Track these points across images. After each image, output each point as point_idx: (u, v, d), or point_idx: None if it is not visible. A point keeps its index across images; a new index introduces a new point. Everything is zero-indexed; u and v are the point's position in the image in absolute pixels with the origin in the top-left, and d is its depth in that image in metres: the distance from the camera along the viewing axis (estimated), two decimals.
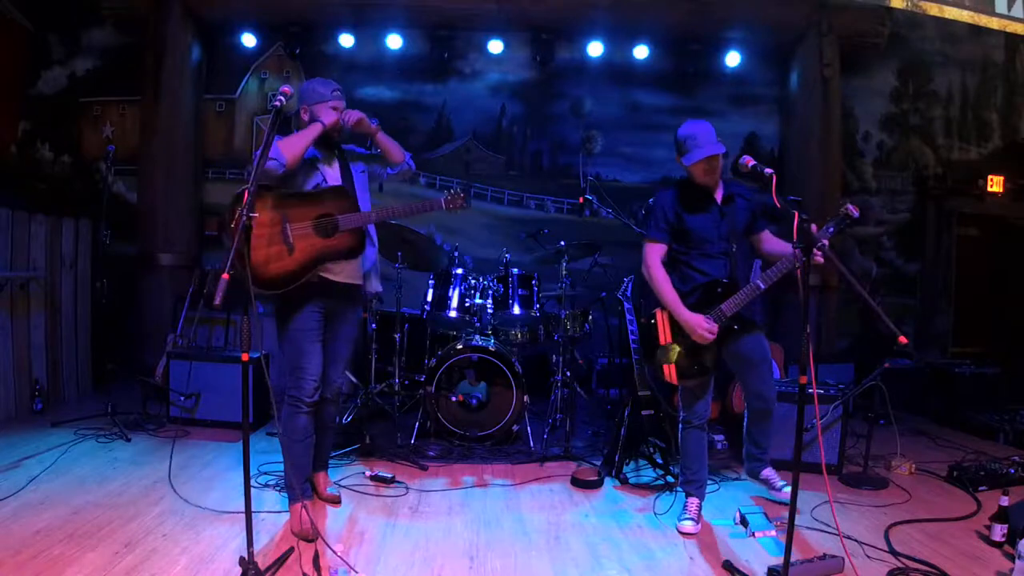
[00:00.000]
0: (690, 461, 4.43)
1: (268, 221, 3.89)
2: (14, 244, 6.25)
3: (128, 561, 3.52)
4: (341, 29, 8.39)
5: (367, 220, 4.13)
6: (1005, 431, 6.58)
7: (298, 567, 3.44)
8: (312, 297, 4.00)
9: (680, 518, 4.28)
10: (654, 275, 4.24)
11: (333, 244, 4.01)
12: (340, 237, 4.03)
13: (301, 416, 3.99)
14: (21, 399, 6.38)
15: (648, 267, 4.27)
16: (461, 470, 5.36)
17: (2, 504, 4.19)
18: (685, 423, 4.41)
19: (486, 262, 7.44)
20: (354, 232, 4.08)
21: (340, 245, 4.04)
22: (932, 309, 9.24)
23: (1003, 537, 3.99)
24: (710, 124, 4.34)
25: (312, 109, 4.15)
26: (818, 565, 3.60)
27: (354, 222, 4.05)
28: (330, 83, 4.23)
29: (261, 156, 3.37)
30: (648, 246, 4.31)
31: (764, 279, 4.02)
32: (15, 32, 8.39)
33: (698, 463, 4.44)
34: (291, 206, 3.98)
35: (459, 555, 3.82)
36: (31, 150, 8.66)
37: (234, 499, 4.43)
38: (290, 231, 3.92)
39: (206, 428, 6.12)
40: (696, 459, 4.43)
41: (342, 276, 4.12)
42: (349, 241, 4.07)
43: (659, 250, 4.29)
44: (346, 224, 4.03)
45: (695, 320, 4.10)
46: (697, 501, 4.38)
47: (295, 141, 3.89)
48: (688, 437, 4.41)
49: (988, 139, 9.50)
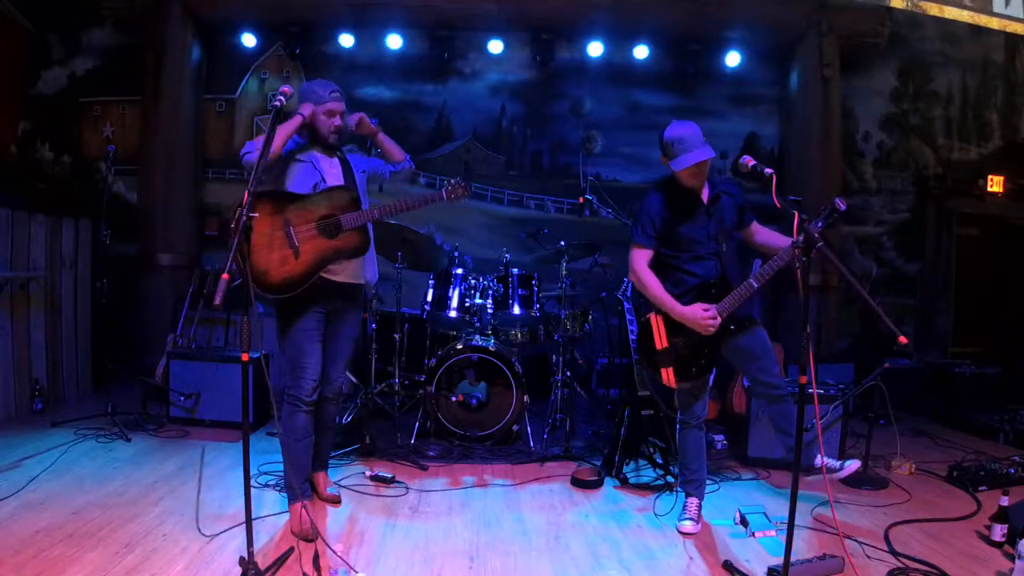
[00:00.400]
0: (689, 460, 4.43)
1: (270, 225, 3.86)
2: (14, 244, 6.24)
3: (128, 561, 3.51)
4: (341, 29, 8.39)
5: (370, 217, 4.10)
6: (1005, 431, 6.58)
7: (298, 567, 3.44)
8: (314, 297, 3.98)
9: (680, 518, 4.29)
10: (642, 278, 4.19)
11: (338, 244, 3.99)
12: (345, 237, 4.01)
13: (300, 415, 3.99)
14: (21, 399, 6.37)
15: (636, 271, 4.22)
16: (461, 470, 5.35)
17: (2, 504, 4.18)
18: (683, 424, 4.41)
19: (486, 262, 7.42)
20: (359, 231, 4.07)
21: (345, 245, 4.03)
22: (932, 309, 9.23)
23: (1003, 537, 3.99)
24: (696, 125, 4.30)
25: (312, 112, 4.15)
26: (818, 565, 3.60)
27: (357, 220, 4.02)
28: (329, 84, 4.20)
29: (260, 156, 3.36)
30: (635, 251, 4.26)
31: (757, 278, 3.99)
32: (15, 32, 8.38)
33: (697, 462, 4.43)
34: (292, 209, 3.95)
35: (459, 555, 3.82)
36: (31, 150, 8.66)
37: (234, 499, 4.43)
38: (294, 234, 3.90)
39: (206, 428, 6.11)
40: (695, 458, 4.43)
41: (343, 276, 4.11)
42: (354, 240, 4.06)
43: (646, 255, 4.24)
44: (349, 223, 4.00)
45: (692, 312, 4.04)
46: (697, 501, 4.38)
47: (274, 134, 3.78)
48: (687, 437, 4.41)
49: (988, 139, 9.49)
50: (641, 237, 4.24)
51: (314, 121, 4.13)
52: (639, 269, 4.21)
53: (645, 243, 4.23)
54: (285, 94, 3.56)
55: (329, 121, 4.14)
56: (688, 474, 4.43)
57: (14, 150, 8.62)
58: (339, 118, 4.19)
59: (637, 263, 4.22)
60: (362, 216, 4.05)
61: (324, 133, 4.15)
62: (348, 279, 4.16)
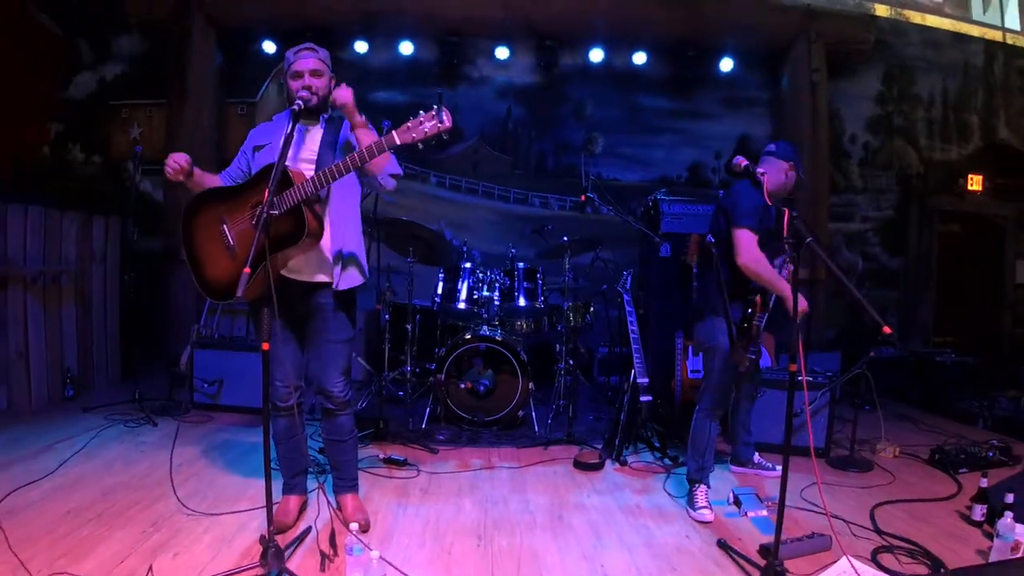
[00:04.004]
0: (706, 450, 4.27)
1: (210, 227, 3.43)
2: (47, 240, 6.24)
3: (155, 539, 3.52)
4: (356, 36, 8.39)
5: (301, 195, 3.22)
6: (984, 416, 6.57)
7: (315, 545, 3.43)
8: (279, 299, 3.13)
9: (696, 507, 4.15)
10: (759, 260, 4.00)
11: (273, 235, 3.15)
12: (277, 224, 3.17)
13: (280, 419, 3.73)
14: (54, 386, 6.38)
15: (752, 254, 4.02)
16: (469, 453, 5.35)
17: (36, 485, 4.18)
18: (711, 413, 4.27)
19: (493, 257, 7.43)
20: (291, 215, 3.24)
21: (279, 232, 3.23)
22: (915, 301, 9.23)
23: (983, 517, 3.99)
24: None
25: (287, 79, 3.58)
26: (807, 543, 3.59)
27: (287, 201, 3.21)
28: (300, 47, 3.57)
29: (280, 157, 3.11)
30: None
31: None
32: (49, 40, 8.40)
33: (712, 452, 4.31)
34: (228, 204, 3.42)
35: (468, 533, 3.81)
36: (63, 151, 8.69)
37: (255, 481, 4.43)
38: (228, 231, 3.40)
39: (229, 413, 6.10)
40: (711, 449, 4.30)
41: (303, 274, 3.54)
42: (286, 226, 3.25)
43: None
44: (280, 206, 3.20)
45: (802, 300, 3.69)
46: (706, 488, 4.27)
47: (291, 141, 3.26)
48: (711, 428, 4.26)
49: (968, 140, 9.48)
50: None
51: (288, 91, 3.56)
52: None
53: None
54: (303, 99, 3.37)
55: (295, 83, 3.52)
56: (703, 462, 4.26)
57: (47, 151, 8.65)
58: (309, 77, 3.52)
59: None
60: (294, 193, 3.22)
61: (291, 97, 3.48)
62: (310, 277, 3.55)
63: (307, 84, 3.51)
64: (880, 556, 3.57)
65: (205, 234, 3.48)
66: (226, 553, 3.41)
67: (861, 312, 3.04)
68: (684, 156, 8.95)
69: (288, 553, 3.30)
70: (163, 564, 3.24)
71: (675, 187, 8.60)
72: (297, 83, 3.52)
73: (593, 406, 7.03)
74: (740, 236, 4.00)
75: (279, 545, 3.11)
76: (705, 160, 8.93)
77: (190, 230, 3.50)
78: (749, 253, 3.97)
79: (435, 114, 3.11)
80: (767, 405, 5.29)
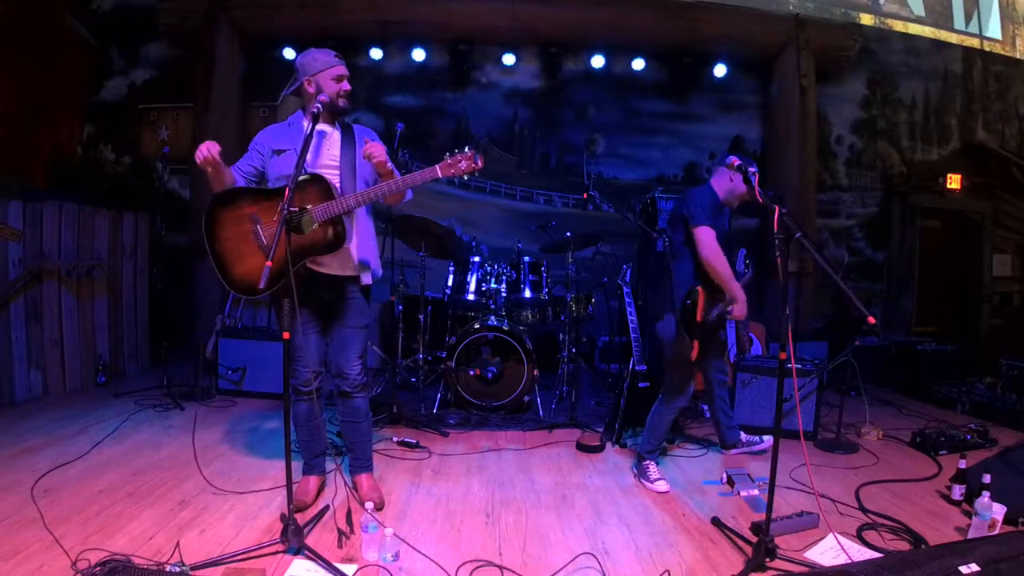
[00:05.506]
0: (663, 433, 4.44)
1: (241, 226, 3.41)
2: (80, 235, 6.25)
3: (182, 517, 3.52)
4: (373, 44, 8.34)
5: (344, 207, 3.32)
6: (963, 401, 6.58)
7: (333, 522, 3.42)
8: (303, 289, 3.33)
9: (652, 479, 4.26)
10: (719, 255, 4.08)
11: (309, 241, 3.30)
12: (316, 232, 3.30)
13: (301, 403, 3.73)
14: (87, 373, 6.40)
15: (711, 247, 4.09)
16: (478, 436, 5.34)
17: (69, 467, 4.19)
18: (671, 401, 4.38)
19: (500, 251, 7.40)
20: (332, 224, 3.34)
21: (316, 240, 3.33)
22: (897, 293, 9.21)
23: (961, 496, 3.98)
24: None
25: (316, 80, 3.57)
26: (796, 521, 3.58)
27: (329, 212, 3.30)
28: (330, 51, 3.62)
29: (300, 159, 3.14)
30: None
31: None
32: (82, 47, 8.40)
33: (665, 435, 4.49)
34: (263, 205, 3.41)
35: (476, 512, 3.80)
36: (95, 151, 8.68)
37: (276, 462, 4.43)
38: (262, 232, 3.39)
39: (251, 399, 6.10)
40: (668, 431, 4.50)
41: (331, 268, 3.57)
42: (324, 235, 3.35)
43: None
44: (320, 216, 3.29)
45: (743, 295, 4.11)
46: (656, 464, 4.38)
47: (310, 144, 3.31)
48: (668, 415, 4.40)
49: (948, 142, 9.46)
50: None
51: (321, 90, 3.55)
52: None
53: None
54: (322, 102, 3.41)
55: (338, 86, 3.56)
56: (656, 443, 4.42)
57: (80, 151, 8.64)
58: (347, 82, 3.60)
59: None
60: (336, 207, 3.31)
61: (333, 99, 3.53)
62: (335, 271, 3.59)
63: (349, 90, 3.62)
64: (865, 533, 3.55)
65: (234, 232, 3.44)
66: (249, 530, 3.41)
67: (847, 303, 3.03)
68: (680, 156, 8.91)
69: (307, 530, 3.30)
70: (190, 540, 3.23)
71: (671, 185, 8.56)
72: (339, 85, 3.58)
73: (594, 392, 7.03)
74: (700, 233, 4.09)
75: (299, 523, 3.11)
76: (700, 160, 8.87)
77: (213, 228, 3.46)
78: (710, 247, 4.06)
79: (472, 156, 3.35)
80: (759, 391, 5.31)
